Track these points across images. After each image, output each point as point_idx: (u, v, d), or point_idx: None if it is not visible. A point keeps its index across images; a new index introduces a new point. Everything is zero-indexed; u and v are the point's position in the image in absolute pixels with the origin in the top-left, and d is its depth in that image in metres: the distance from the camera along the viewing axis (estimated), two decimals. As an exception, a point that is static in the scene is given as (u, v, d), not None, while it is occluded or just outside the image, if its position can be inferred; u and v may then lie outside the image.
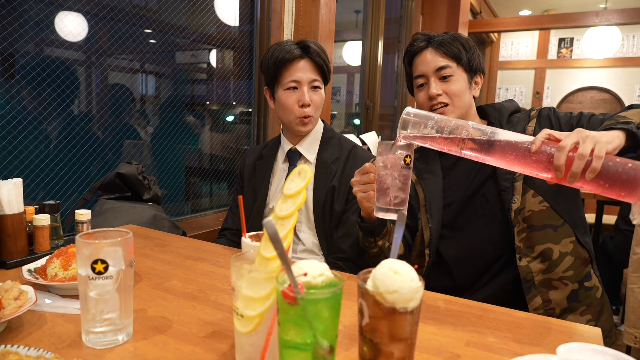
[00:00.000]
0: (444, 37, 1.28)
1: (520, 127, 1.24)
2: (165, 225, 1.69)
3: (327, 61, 1.43)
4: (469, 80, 1.28)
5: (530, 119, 1.25)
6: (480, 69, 1.31)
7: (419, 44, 1.30)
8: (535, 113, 1.26)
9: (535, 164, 0.86)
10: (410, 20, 4.67)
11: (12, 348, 0.67)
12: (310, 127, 1.45)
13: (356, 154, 1.49)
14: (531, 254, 1.17)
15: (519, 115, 1.30)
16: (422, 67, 1.28)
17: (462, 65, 1.26)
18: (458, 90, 1.25)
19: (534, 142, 0.86)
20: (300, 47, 1.40)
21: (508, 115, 1.30)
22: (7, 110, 1.53)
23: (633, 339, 1.89)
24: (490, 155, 0.89)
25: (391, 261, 0.62)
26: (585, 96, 8.41)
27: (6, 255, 1.11)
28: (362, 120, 3.91)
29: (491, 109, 1.33)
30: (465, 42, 1.28)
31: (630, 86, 7.96)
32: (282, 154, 1.52)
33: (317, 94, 1.43)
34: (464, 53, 1.26)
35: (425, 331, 0.86)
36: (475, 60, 1.29)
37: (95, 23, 1.81)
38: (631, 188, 0.79)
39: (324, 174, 1.45)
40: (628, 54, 7.82)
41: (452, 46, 1.25)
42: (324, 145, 1.50)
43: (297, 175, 0.69)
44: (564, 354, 0.61)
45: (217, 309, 0.92)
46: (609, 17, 5.34)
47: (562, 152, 0.82)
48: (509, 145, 0.88)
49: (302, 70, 1.39)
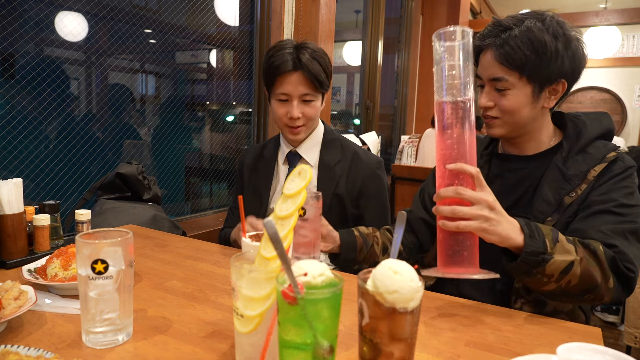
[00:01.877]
0: (513, 36, 1.04)
1: (586, 166, 1.06)
2: (165, 225, 1.69)
3: (326, 67, 1.38)
4: (537, 91, 1.07)
5: (601, 162, 1.06)
6: (560, 75, 1.06)
7: (485, 40, 1.09)
8: (612, 157, 1.06)
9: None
10: (410, 20, 4.67)
11: (12, 348, 0.67)
12: (301, 136, 1.43)
13: (359, 158, 1.47)
14: (527, 296, 1.08)
15: (599, 146, 1.09)
16: (481, 69, 1.12)
17: (526, 76, 1.05)
18: (511, 107, 1.07)
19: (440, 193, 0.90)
20: (295, 56, 1.34)
21: (587, 143, 1.10)
22: (7, 110, 1.53)
23: (633, 339, 1.89)
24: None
25: (391, 261, 0.62)
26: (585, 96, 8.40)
27: (6, 255, 1.11)
28: (362, 120, 3.91)
29: (571, 125, 1.13)
30: (540, 43, 1.02)
31: (630, 86, 7.96)
32: (282, 156, 1.50)
33: (309, 106, 1.38)
34: (533, 59, 1.03)
35: (425, 331, 0.85)
36: (553, 65, 1.04)
37: (95, 23, 1.81)
38: (444, 262, 0.92)
39: (327, 177, 1.43)
40: (628, 54, 7.82)
41: (518, 51, 1.03)
42: (326, 147, 1.48)
43: (297, 175, 0.69)
44: (564, 354, 0.61)
45: (217, 309, 0.92)
46: (609, 17, 5.34)
47: (452, 194, 0.88)
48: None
49: (293, 84, 1.34)
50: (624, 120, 7.96)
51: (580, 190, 1.05)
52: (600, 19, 5.34)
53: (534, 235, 0.89)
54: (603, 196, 1.03)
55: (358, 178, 1.44)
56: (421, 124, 4.91)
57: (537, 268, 0.88)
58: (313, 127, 1.46)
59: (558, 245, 0.89)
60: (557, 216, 1.06)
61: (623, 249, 0.95)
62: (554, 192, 1.08)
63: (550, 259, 0.88)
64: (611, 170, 1.05)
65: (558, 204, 1.06)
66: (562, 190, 1.07)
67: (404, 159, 4.10)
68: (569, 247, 0.91)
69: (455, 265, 0.90)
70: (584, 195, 1.05)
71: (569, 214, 1.05)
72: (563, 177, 1.07)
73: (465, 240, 0.90)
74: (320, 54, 1.38)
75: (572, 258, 0.90)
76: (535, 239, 0.89)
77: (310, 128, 1.45)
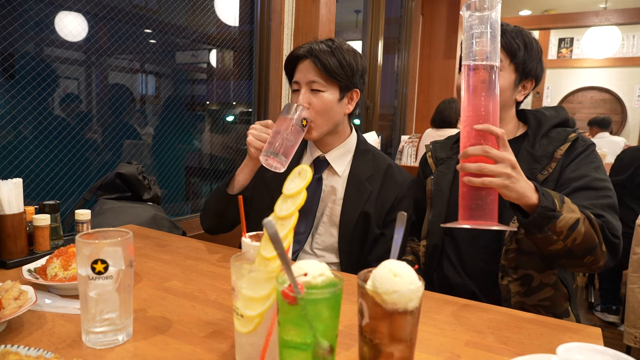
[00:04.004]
0: (509, 30, 1.19)
1: (552, 147, 1.19)
2: (165, 225, 1.69)
3: (345, 63, 1.28)
4: (517, 81, 1.20)
5: (565, 142, 1.19)
6: (533, 75, 1.22)
7: None
8: (573, 137, 1.19)
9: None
10: (410, 20, 4.67)
11: (12, 348, 0.67)
12: (314, 135, 1.31)
13: (393, 175, 1.38)
14: (513, 274, 1.16)
15: (560, 131, 1.22)
16: None
17: (514, 63, 1.18)
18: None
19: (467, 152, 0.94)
20: (310, 46, 1.30)
21: (548, 129, 1.23)
22: (7, 110, 1.53)
23: (633, 339, 1.89)
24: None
25: (391, 263, 0.62)
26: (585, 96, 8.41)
27: (6, 255, 1.11)
28: (362, 120, 3.91)
29: (532, 117, 1.26)
30: (529, 41, 1.19)
31: (631, 86, 7.96)
32: (308, 160, 1.42)
33: (317, 96, 1.28)
34: (523, 51, 1.18)
35: (425, 331, 0.86)
36: (532, 64, 1.20)
37: (95, 23, 1.81)
38: (466, 216, 0.97)
39: (357, 191, 1.35)
40: (628, 54, 7.82)
41: (513, 41, 1.17)
42: (358, 158, 1.39)
43: (297, 175, 0.69)
44: (564, 354, 0.61)
45: (217, 309, 0.92)
46: (609, 17, 5.35)
47: (479, 152, 0.92)
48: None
49: (303, 71, 1.30)
50: (624, 120, 7.97)
51: (550, 168, 1.17)
52: (600, 19, 5.35)
53: (546, 194, 0.96)
54: (576, 172, 1.14)
55: (389, 199, 1.36)
56: (421, 124, 4.91)
57: (548, 224, 0.95)
58: (326, 127, 1.32)
59: (565, 206, 0.97)
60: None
61: (609, 219, 1.05)
62: (527, 172, 1.16)
63: (560, 215, 0.95)
64: (575, 148, 1.18)
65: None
66: (534, 169, 1.17)
67: (404, 159, 4.10)
68: (574, 207, 0.99)
69: (476, 219, 0.96)
70: (556, 173, 1.17)
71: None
72: (533, 158, 1.19)
73: (487, 196, 0.96)
74: (342, 49, 1.30)
75: (578, 216, 0.97)
76: (547, 197, 0.95)
77: (322, 127, 1.31)
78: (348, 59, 1.29)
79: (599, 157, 1.19)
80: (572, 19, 5.58)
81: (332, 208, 1.37)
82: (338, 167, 1.38)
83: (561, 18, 5.86)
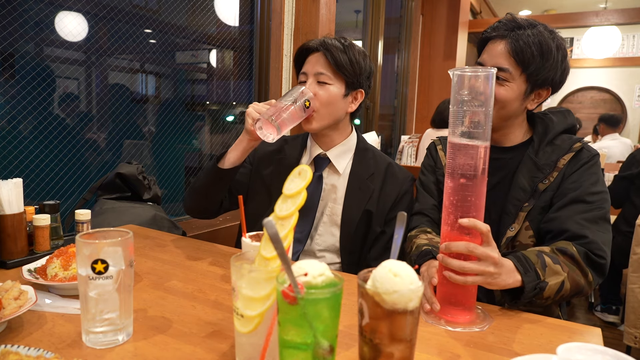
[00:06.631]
0: (527, 34, 1.11)
1: (555, 156, 1.16)
2: (165, 225, 1.69)
3: (355, 62, 1.30)
4: (529, 90, 1.15)
5: (569, 151, 1.16)
6: (549, 84, 1.15)
7: (500, 31, 1.15)
8: (578, 147, 1.16)
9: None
10: (410, 20, 4.68)
11: (12, 348, 0.67)
12: (313, 125, 1.31)
13: (394, 173, 1.40)
14: None
15: (565, 139, 1.19)
16: (487, 57, 1.17)
17: (526, 74, 1.12)
18: (504, 98, 1.13)
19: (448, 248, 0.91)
20: (321, 40, 1.33)
21: (554, 136, 1.19)
22: (7, 110, 1.53)
23: (633, 339, 1.89)
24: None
25: (391, 263, 0.62)
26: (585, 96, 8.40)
27: (6, 255, 1.11)
28: (362, 120, 3.91)
29: (539, 122, 1.23)
30: (547, 49, 1.10)
31: (631, 86, 7.96)
32: (308, 158, 1.41)
33: (323, 88, 1.29)
34: (538, 61, 1.11)
35: (425, 331, 0.86)
36: (549, 72, 1.12)
37: (95, 23, 1.81)
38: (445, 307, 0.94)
39: (358, 189, 1.35)
40: (628, 54, 7.82)
41: (528, 49, 1.10)
42: (358, 157, 1.40)
43: (297, 175, 0.69)
44: (564, 354, 0.61)
45: (217, 309, 0.92)
46: (609, 17, 5.34)
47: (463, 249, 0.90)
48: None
49: (312, 63, 1.32)
50: (624, 120, 7.97)
51: (552, 177, 1.15)
52: (600, 19, 5.35)
53: (527, 270, 0.95)
54: (575, 184, 1.13)
55: (390, 196, 1.37)
56: (421, 124, 4.91)
57: (536, 297, 0.95)
58: (327, 120, 1.32)
59: (547, 270, 0.96)
60: (533, 201, 1.16)
61: (593, 238, 1.04)
62: (528, 180, 1.17)
63: (545, 285, 0.95)
64: (580, 159, 1.15)
65: (533, 191, 1.16)
66: (535, 178, 1.16)
67: (404, 159, 4.10)
68: (556, 267, 0.98)
69: (454, 315, 0.92)
70: (556, 182, 1.15)
71: (544, 199, 1.15)
72: (536, 166, 1.17)
73: (470, 288, 0.94)
74: (353, 48, 1.32)
75: (562, 278, 0.97)
76: (529, 272, 0.94)
77: (324, 119, 1.32)
78: (358, 58, 1.32)
79: (600, 169, 1.17)
80: (572, 19, 5.57)
81: (333, 207, 1.37)
82: (339, 164, 1.38)
83: (561, 18, 5.86)
